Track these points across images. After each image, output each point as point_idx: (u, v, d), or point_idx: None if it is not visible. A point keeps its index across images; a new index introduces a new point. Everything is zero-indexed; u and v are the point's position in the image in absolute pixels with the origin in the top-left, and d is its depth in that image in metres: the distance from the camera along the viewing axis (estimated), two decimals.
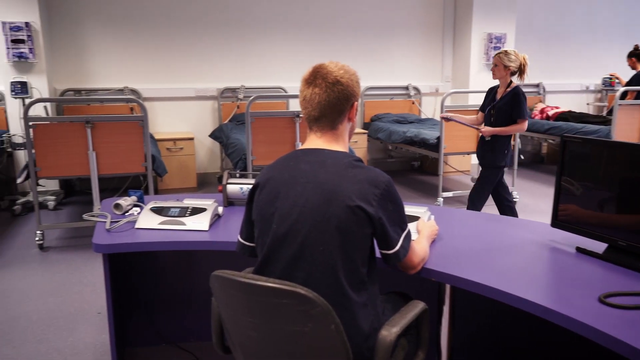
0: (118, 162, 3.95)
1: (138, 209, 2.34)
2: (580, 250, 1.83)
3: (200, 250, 2.51)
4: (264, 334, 1.33)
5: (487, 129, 3.82)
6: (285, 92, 6.12)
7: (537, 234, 2.02)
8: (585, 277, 1.61)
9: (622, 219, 1.71)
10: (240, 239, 1.64)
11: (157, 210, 2.19)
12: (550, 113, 6.68)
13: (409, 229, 1.56)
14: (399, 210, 1.51)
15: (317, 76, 1.51)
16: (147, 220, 2.14)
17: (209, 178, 6.12)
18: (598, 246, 1.82)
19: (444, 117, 4.12)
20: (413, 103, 6.68)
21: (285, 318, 1.28)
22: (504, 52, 3.73)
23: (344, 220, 1.40)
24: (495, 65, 3.75)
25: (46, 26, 5.21)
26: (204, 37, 5.88)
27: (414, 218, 1.99)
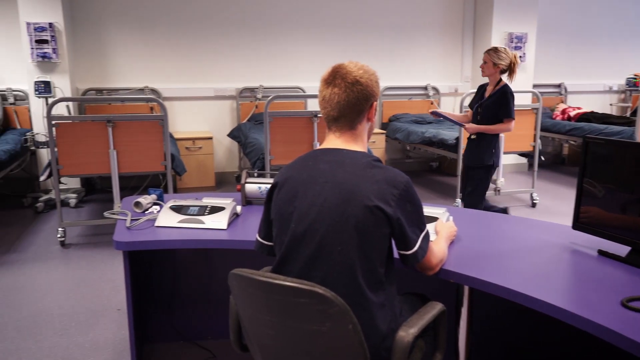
0: (138, 161, 4.00)
1: (158, 207, 2.37)
2: (602, 253, 1.80)
3: (218, 248, 2.53)
4: (282, 333, 1.33)
5: (471, 126, 3.74)
6: (303, 92, 6.13)
7: (558, 236, 2.00)
8: (607, 280, 1.59)
9: None
10: (259, 238, 1.65)
11: (177, 209, 2.21)
12: (572, 114, 6.58)
13: (427, 230, 1.55)
14: (418, 210, 1.50)
15: (336, 76, 1.51)
16: (167, 218, 2.16)
17: (227, 177, 6.16)
18: (620, 249, 1.79)
19: (433, 113, 4.02)
20: (432, 103, 6.64)
21: (303, 317, 1.29)
22: (494, 50, 3.67)
23: (362, 220, 1.39)
24: (485, 63, 3.70)
25: (69, 27, 5.30)
26: (223, 37, 5.92)
27: (433, 219, 1.98)
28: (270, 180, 2.43)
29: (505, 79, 3.71)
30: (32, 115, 5.27)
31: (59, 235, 4.02)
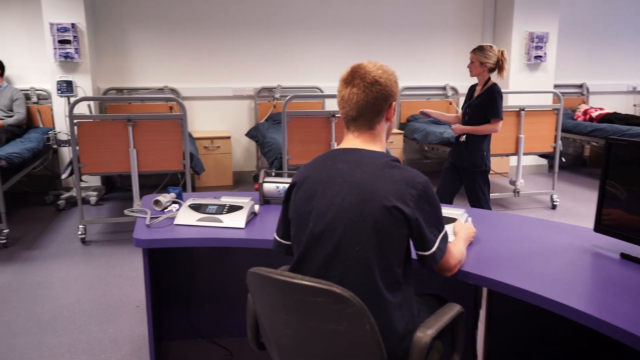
0: (157, 160, 4.04)
1: (177, 205, 2.39)
2: (624, 256, 1.77)
3: (236, 247, 2.54)
4: (299, 332, 1.34)
5: (457, 127, 3.64)
6: (321, 91, 6.13)
7: (579, 238, 1.97)
8: (629, 284, 1.56)
9: None
10: (277, 237, 1.66)
11: (196, 207, 2.23)
12: (594, 114, 6.48)
13: (446, 231, 1.54)
14: (436, 211, 1.50)
15: (355, 76, 1.51)
16: (186, 216, 2.18)
17: (244, 176, 6.19)
18: None
19: (423, 112, 3.93)
20: (450, 103, 6.59)
21: (320, 316, 1.29)
22: (479, 48, 3.59)
23: (380, 220, 1.39)
24: (471, 63, 3.62)
25: (91, 27, 5.38)
26: (241, 37, 5.95)
27: (451, 220, 1.97)
28: (288, 180, 2.44)
29: (496, 78, 3.64)
30: (55, 114, 5.36)
31: (79, 233, 4.09)
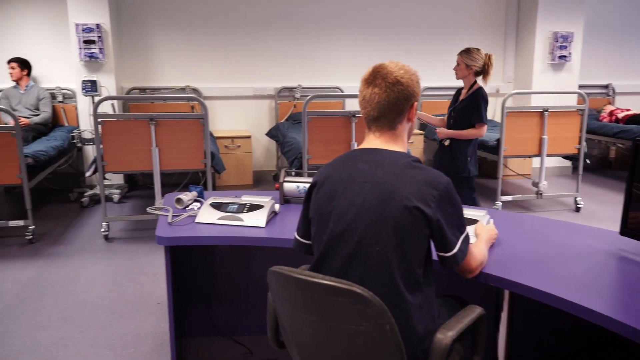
0: (179, 159, 4.09)
1: (198, 204, 2.42)
2: None
3: (256, 246, 2.56)
4: (319, 331, 1.34)
5: (442, 130, 3.58)
6: (342, 91, 6.12)
7: (605, 242, 1.93)
8: None
9: None
10: (297, 237, 1.66)
11: (217, 206, 2.25)
12: (620, 115, 6.34)
13: (467, 232, 1.53)
14: (458, 212, 1.49)
15: (377, 76, 1.50)
16: (207, 215, 2.20)
17: (264, 176, 6.22)
18: None
19: None
20: None
21: (340, 316, 1.29)
22: (466, 51, 3.55)
23: (401, 220, 1.39)
24: (458, 65, 3.58)
25: (115, 27, 5.46)
26: (262, 37, 5.98)
27: (473, 221, 1.95)
28: (308, 180, 2.44)
29: (481, 82, 3.58)
30: (79, 113, 5.46)
31: (102, 230, 4.15)
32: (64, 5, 5.30)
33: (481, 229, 1.86)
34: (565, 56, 6.13)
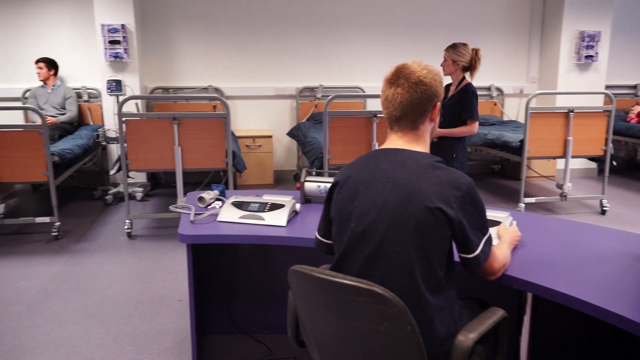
0: (201, 158, 4.13)
1: (220, 202, 2.44)
2: None
3: (277, 245, 2.57)
4: (340, 331, 1.34)
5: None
6: (363, 91, 6.11)
7: (631, 245, 1.89)
8: None
9: None
10: (318, 236, 1.67)
11: (238, 205, 2.26)
12: None
13: (490, 234, 1.51)
14: (481, 214, 1.47)
15: (399, 76, 1.50)
16: (229, 213, 2.22)
17: (285, 175, 6.24)
18: None
19: None
20: (495, 104, 6.45)
21: (361, 316, 1.29)
22: (452, 46, 3.49)
23: (423, 221, 1.38)
24: (445, 60, 3.51)
25: (139, 28, 5.54)
26: (284, 38, 6.00)
27: (495, 223, 1.93)
28: (330, 179, 2.45)
29: (468, 77, 3.49)
30: (104, 112, 5.55)
31: (126, 227, 4.22)
32: (90, 6, 5.40)
33: (504, 231, 1.84)
34: (592, 56, 6.02)
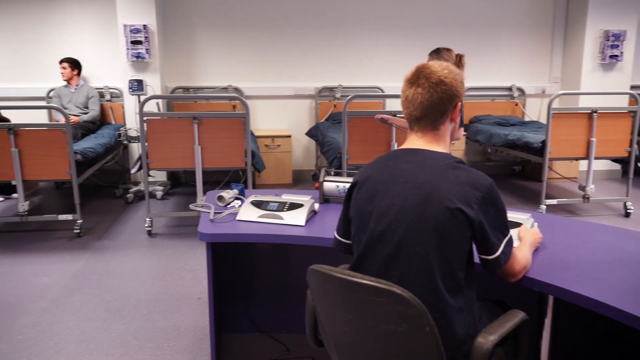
0: (220, 157, 4.16)
1: (239, 201, 2.45)
2: None
3: (296, 244, 2.57)
4: (358, 331, 1.34)
5: None
6: (382, 91, 6.09)
7: None
8: None
9: None
10: (337, 236, 1.67)
11: (257, 204, 2.27)
12: None
13: (511, 235, 1.50)
14: (501, 215, 1.46)
15: (420, 76, 1.49)
16: (248, 213, 2.23)
17: (303, 175, 6.25)
18: None
19: (380, 118, 3.72)
20: (516, 105, 6.37)
21: (379, 316, 1.28)
22: (435, 51, 3.39)
23: (442, 221, 1.37)
24: None
25: (161, 28, 5.60)
26: (304, 38, 6.01)
27: (516, 224, 1.90)
28: (348, 179, 2.44)
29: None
30: (126, 111, 5.62)
31: (146, 225, 4.27)
32: (113, 7, 5.48)
33: (525, 233, 1.82)
34: (616, 55, 5.91)
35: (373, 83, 6.16)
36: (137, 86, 5.00)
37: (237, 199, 2.49)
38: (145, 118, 4.07)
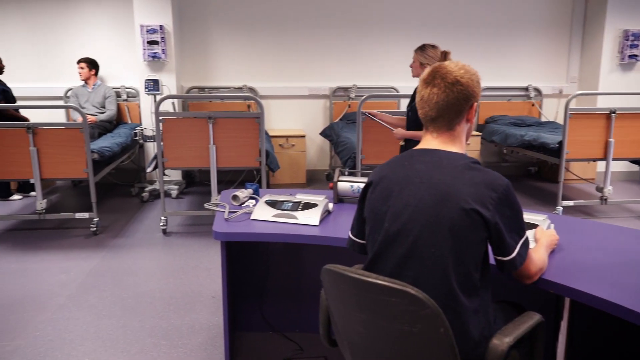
0: (235, 156, 4.17)
1: (254, 201, 2.46)
2: None
3: (309, 244, 2.58)
4: (372, 331, 1.33)
5: (398, 131, 3.39)
6: (397, 91, 6.07)
7: None
8: None
9: None
10: (351, 236, 1.66)
11: (271, 204, 2.28)
12: None
13: (527, 236, 1.48)
14: (518, 216, 1.44)
15: (435, 76, 1.48)
16: (262, 212, 2.24)
17: (317, 175, 6.25)
18: None
19: (366, 113, 3.68)
20: (533, 105, 6.31)
21: (393, 317, 1.28)
22: (420, 48, 3.34)
23: (458, 222, 1.36)
24: (413, 62, 3.38)
25: (177, 28, 5.65)
26: (318, 38, 6.02)
27: (532, 226, 1.89)
28: (363, 179, 2.44)
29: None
30: (142, 111, 5.67)
31: (161, 224, 4.30)
32: (130, 7, 5.53)
33: (541, 234, 1.80)
34: (636, 55, 5.82)
35: (387, 83, 6.14)
36: (153, 86, 5.05)
37: (251, 198, 2.50)
38: (161, 117, 4.11)
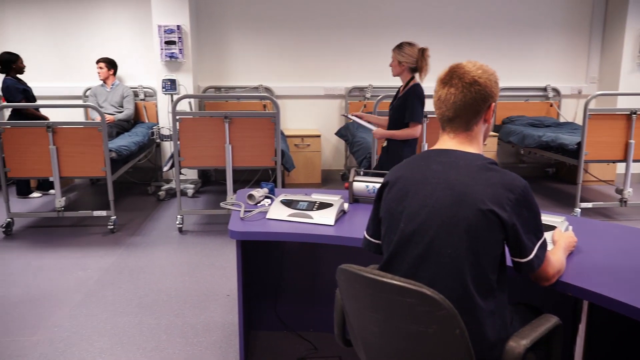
0: (251, 156, 4.19)
1: (269, 200, 2.47)
2: None
3: (325, 243, 2.58)
4: (387, 331, 1.33)
5: (378, 131, 3.38)
6: None
7: None
8: None
9: None
10: (367, 236, 1.66)
11: (287, 203, 2.29)
12: None
13: (544, 238, 1.47)
14: (535, 217, 1.43)
15: (453, 76, 1.47)
16: (278, 211, 2.25)
17: (332, 175, 6.25)
18: None
19: (348, 116, 3.65)
20: (551, 105, 6.24)
21: (408, 317, 1.27)
22: (398, 46, 3.27)
23: (474, 223, 1.35)
24: (392, 61, 3.32)
25: (194, 29, 5.69)
26: (334, 38, 6.01)
27: (550, 227, 1.86)
28: (379, 180, 2.44)
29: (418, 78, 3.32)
30: (159, 110, 5.72)
31: (177, 222, 4.34)
32: (148, 8, 5.59)
33: (559, 236, 1.78)
34: None
35: None
36: (170, 86, 5.09)
37: (267, 197, 2.51)
38: (177, 117, 4.14)
